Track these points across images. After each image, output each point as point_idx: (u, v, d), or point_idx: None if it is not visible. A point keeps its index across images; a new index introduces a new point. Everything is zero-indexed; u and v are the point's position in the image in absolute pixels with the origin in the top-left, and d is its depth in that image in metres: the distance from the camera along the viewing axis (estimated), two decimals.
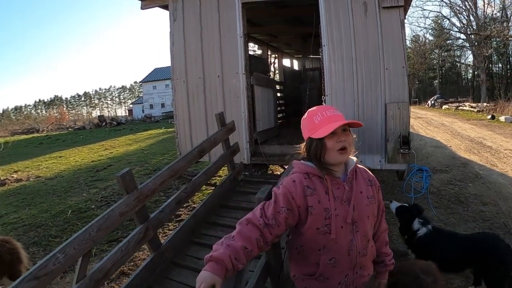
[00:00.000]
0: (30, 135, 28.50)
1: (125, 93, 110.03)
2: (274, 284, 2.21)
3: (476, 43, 30.63)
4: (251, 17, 6.48)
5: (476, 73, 37.71)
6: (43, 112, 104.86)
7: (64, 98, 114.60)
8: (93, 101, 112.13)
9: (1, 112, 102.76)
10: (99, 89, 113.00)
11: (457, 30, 33.75)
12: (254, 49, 11.98)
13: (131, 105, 64.45)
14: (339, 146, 1.45)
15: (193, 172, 5.87)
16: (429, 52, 41.51)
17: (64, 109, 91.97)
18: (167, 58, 5.70)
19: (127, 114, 64.62)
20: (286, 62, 11.90)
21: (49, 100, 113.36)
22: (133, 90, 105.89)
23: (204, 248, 3.24)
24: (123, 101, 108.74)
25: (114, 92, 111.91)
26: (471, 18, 30.55)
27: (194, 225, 3.66)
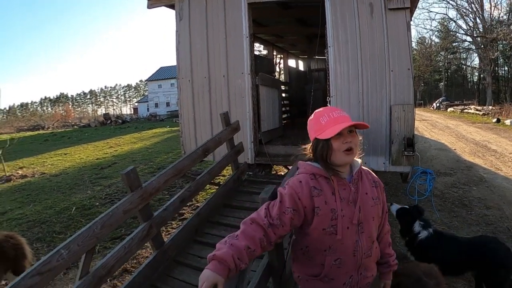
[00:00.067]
0: (36, 132, 28.67)
1: (131, 91, 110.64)
2: (276, 284, 2.22)
3: (482, 46, 30.41)
4: (257, 17, 6.48)
5: (482, 76, 37.44)
6: (49, 109, 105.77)
7: (69, 95, 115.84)
8: (98, 99, 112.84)
9: (7, 108, 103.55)
10: (105, 87, 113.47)
11: (463, 32, 33.64)
12: (259, 49, 11.99)
13: (136, 104, 64.72)
14: (345, 147, 1.45)
15: (197, 171, 5.89)
16: (435, 54, 41.29)
17: (70, 106, 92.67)
18: (173, 57, 5.73)
19: (132, 112, 65.00)
20: (291, 63, 11.86)
21: (55, 97, 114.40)
22: (139, 88, 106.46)
23: (206, 247, 3.25)
24: (128, 99, 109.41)
25: (120, 90, 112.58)
26: (478, 20, 30.34)
27: (198, 224, 3.66)
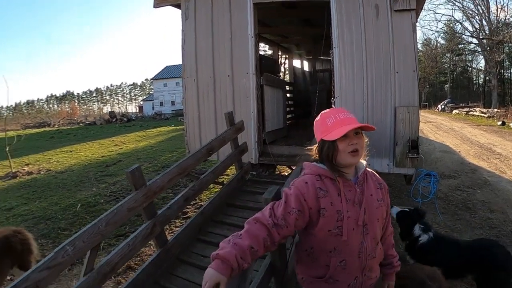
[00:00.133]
0: (42, 129, 28.84)
1: (136, 90, 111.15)
2: (278, 284, 2.23)
3: (488, 48, 30.26)
4: (262, 18, 6.49)
5: (487, 78, 37.24)
6: (55, 106, 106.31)
7: (76, 93, 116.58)
8: (104, 97, 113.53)
9: (14, 106, 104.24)
10: (111, 85, 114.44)
11: (469, 34, 33.52)
12: (264, 49, 12.01)
13: (141, 102, 65.02)
14: (351, 148, 1.46)
15: (201, 170, 5.92)
16: (441, 56, 41.12)
17: (76, 104, 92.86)
18: (178, 56, 5.76)
19: (138, 110, 65.29)
20: (296, 63, 11.82)
21: (61, 95, 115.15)
22: (144, 87, 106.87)
23: (210, 246, 3.27)
24: (133, 97, 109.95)
25: (125, 88, 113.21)
26: (484, 22, 30.21)
27: (201, 223, 3.68)
